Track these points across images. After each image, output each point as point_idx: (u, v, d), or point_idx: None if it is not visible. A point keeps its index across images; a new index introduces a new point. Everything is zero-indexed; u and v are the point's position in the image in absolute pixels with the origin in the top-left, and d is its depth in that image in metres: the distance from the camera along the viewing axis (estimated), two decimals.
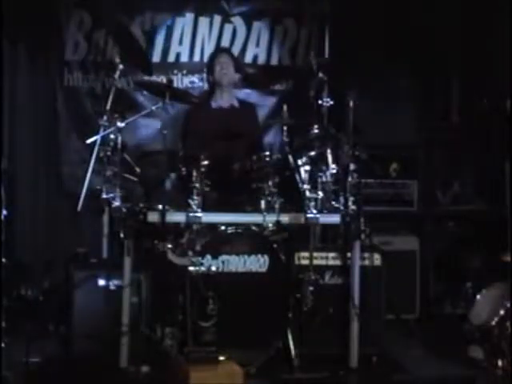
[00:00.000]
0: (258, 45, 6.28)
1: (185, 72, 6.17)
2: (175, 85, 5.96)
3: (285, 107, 4.96)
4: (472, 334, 4.60)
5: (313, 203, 4.71)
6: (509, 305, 4.44)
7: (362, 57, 5.87)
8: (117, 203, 4.65)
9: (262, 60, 6.29)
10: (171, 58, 6.18)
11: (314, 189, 4.75)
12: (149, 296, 4.71)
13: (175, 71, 6.15)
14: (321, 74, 4.99)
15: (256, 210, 4.77)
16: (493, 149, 5.83)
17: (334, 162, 4.91)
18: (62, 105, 6.05)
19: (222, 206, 4.76)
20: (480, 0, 5.89)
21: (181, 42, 6.19)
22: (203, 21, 6.20)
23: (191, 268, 4.51)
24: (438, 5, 5.98)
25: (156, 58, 6.12)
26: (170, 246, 4.66)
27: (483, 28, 5.87)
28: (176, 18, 6.17)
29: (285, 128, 4.90)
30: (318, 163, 4.84)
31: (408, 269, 5.72)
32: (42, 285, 5.57)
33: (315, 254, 4.79)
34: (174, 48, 6.17)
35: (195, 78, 6.17)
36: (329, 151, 4.92)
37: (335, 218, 4.82)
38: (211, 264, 4.57)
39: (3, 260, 4.45)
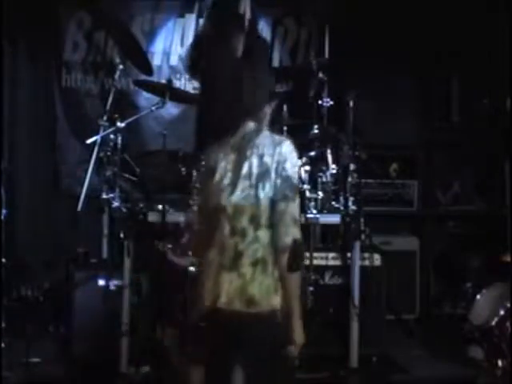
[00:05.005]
0: None
1: (188, 76, 6.16)
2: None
3: (285, 107, 4.96)
4: (472, 333, 4.60)
5: (313, 203, 4.71)
6: (509, 305, 4.43)
7: (362, 57, 5.87)
8: (117, 203, 4.65)
9: None
10: (173, 61, 6.16)
11: (313, 189, 4.75)
12: (149, 296, 4.70)
13: (178, 75, 6.13)
14: (321, 74, 4.99)
15: None
16: (493, 149, 5.84)
17: (333, 162, 4.91)
18: (61, 105, 6.05)
19: None
20: (480, 0, 5.89)
21: (182, 44, 6.18)
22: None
23: (191, 268, 4.50)
24: (438, 5, 5.98)
25: (157, 60, 6.10)
26: (169, 245, 4.65)
27: (483, 28, 5.87)
28: (176, 20, 6.16)
29: (285, 128, 4.91)
30: (318, 163, 4.84)
31: (408, 269, 5.72)
32: (42, 285, 5.57)
33: (315, 254, 4.79)
34: (176, 50, 6.16)
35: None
36: (329, 151, 4.93)
37: (335, 218, 4.82)
38: None
39: (3, 260, 4.45)
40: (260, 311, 3.02)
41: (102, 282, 4.64)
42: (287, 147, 3.12)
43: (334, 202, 4.86)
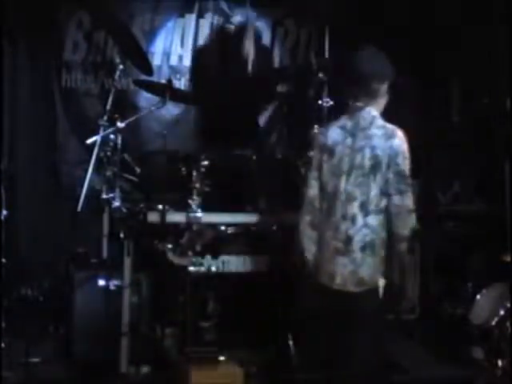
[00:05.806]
0: None
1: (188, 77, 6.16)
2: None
3: (285, 108, 4.95)
4: (472, 333, 4.60)
5: None
6: (509, 305, 4.43)
7: None
8: (117, 203, 4.65)
9: None
10: (173, 61, 6.16)
11: None
12: (149, 296, 4.70)
13: (178, 75, 6.13)
14: (321, 74, 4.99)
15: (256, 209, 4.77)
16: (493, 149, 5.83)
17: None
18: (61, 105, 6.04)
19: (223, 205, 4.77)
20: (480, 0, 5.89)
21: (182, 44, 6.18)
22: (204, 22, 6.19)
23: (191, 268, 4.51)
24: (438, 5, 5.98)
25: (157, 60, 6.10)
26: (169, 245, 4.66)
27: (483, 28, 5.87)
28: (176, 20, 6.16)
29: (285, 128, 4.91)
30: None
31: (408, 269, 5.71)
32: (42, 285, 5.57)
33: None
34: (176, 50, 6.16)
35: None
36: None
37: None
38: (211, 264, 4.56)
39: (3, 260, 4.45)
40: (367, 289, 3.40)
41: (102, 282, 4.64)
42: (399, 140, 3.31)
43: None
